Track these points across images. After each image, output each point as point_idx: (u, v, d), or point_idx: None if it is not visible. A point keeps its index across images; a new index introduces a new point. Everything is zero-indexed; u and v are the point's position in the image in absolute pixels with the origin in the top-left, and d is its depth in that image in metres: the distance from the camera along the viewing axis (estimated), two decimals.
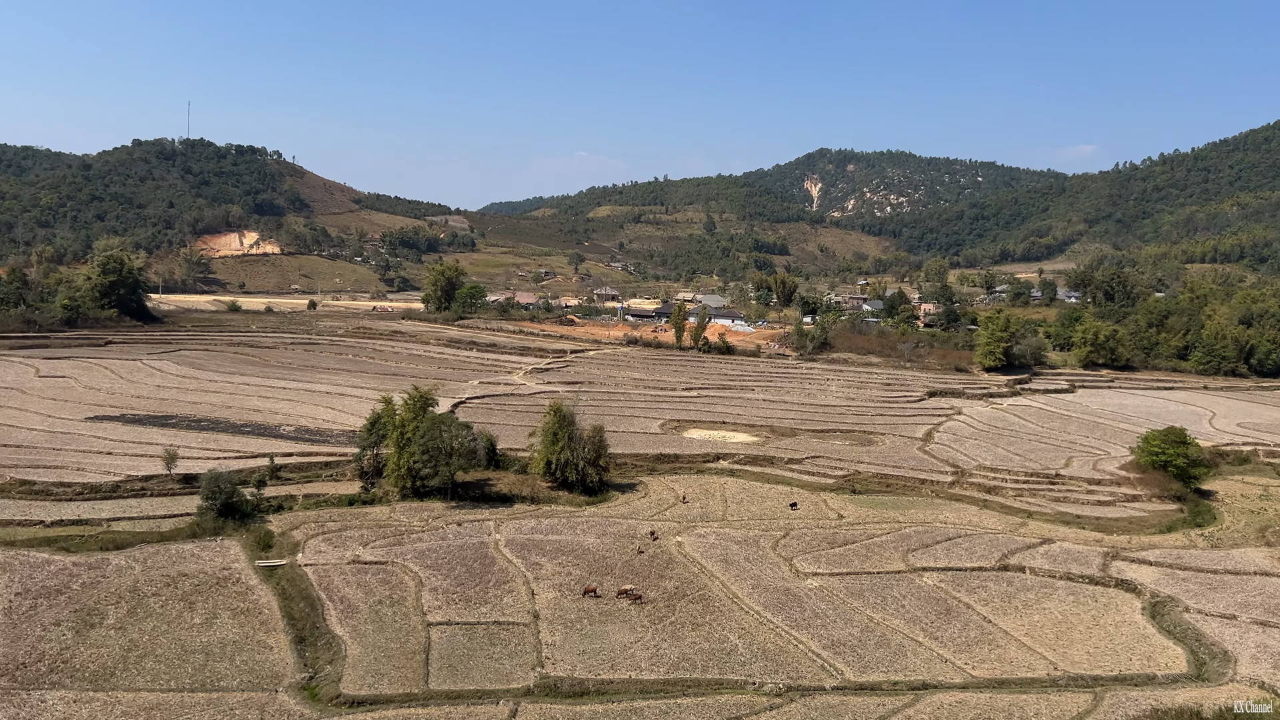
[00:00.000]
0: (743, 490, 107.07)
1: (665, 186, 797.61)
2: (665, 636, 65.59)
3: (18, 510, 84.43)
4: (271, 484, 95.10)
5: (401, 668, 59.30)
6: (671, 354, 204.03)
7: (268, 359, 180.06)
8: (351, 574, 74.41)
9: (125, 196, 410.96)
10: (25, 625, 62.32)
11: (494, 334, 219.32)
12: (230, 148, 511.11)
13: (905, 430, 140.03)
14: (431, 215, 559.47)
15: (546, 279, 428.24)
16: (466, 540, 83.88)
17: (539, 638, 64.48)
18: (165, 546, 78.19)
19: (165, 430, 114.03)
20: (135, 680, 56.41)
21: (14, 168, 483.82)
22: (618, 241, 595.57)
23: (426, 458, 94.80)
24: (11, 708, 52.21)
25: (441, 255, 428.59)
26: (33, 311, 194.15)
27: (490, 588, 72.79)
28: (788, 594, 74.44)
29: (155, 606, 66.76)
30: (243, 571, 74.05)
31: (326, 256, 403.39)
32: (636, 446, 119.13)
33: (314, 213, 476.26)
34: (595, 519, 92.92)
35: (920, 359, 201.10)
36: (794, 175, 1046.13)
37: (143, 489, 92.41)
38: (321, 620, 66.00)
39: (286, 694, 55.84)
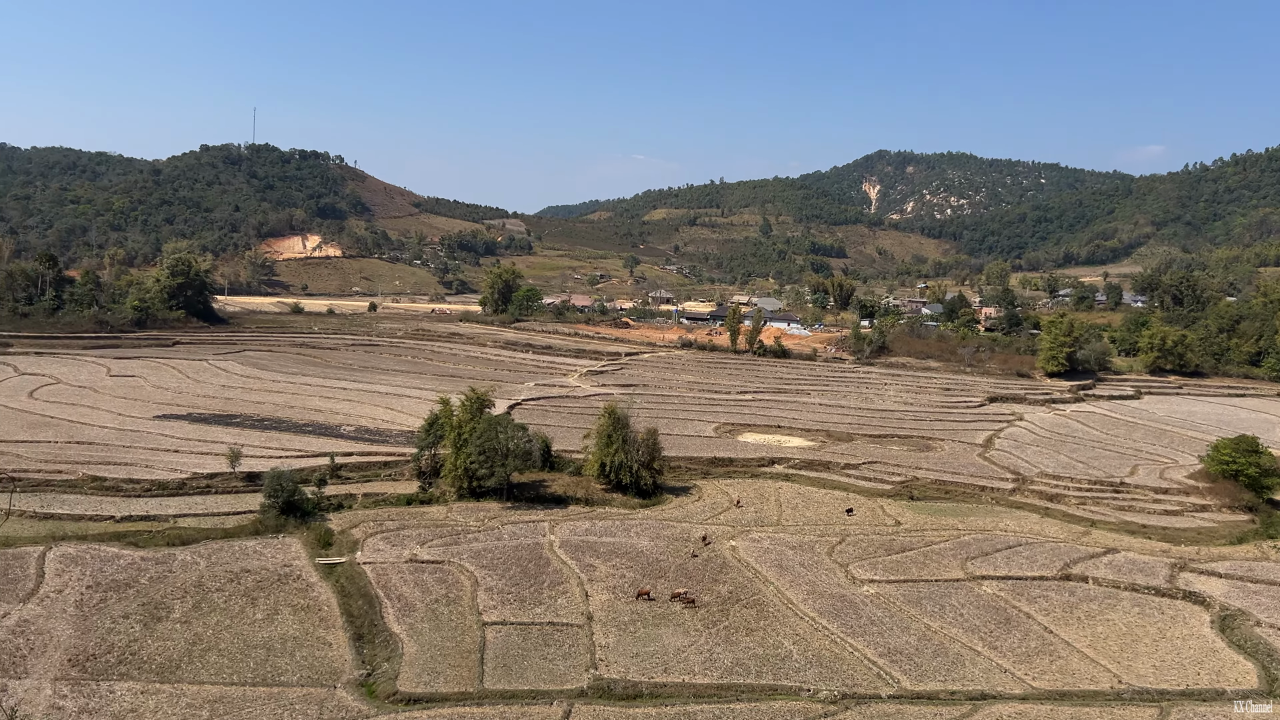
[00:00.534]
0: (798, 495, 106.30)
1: (721, 189, 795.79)
2: (719, 641, 65.35)
3: (89, 505, 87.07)
4: (332, 483, 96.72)
5: (457, 666, 59.91)
6: (726, 357, 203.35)
7: (329, 360, 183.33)
8: (409, 572, 75.37)
9: (193, 200, 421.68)
10: (95, 617, 64.20)
11: (549, 336, 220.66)
12: (294, 152, 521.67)
13: (965, 436, 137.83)
14: (489, 219, 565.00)
15: (601, 282, 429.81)
16: (521, 541, 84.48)
17: (593, 639, 64.67)
18: (229, 543, 79.99)
19: (230, 429, 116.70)
20: (199, 673, 57.77)
21: (88, 173, 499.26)
22: (673, 244, 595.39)
23: (483, 458, 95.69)
24: (82, 698, 53.81)
25: (499, 258, 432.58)
26: (105, 312, 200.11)
27: (544, 588, 73.21)
28: (843, 600, 73.70)
29: (219, 601, 68.31)
30: (303, 569, 75.44)
31: (387, 259, 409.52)
32: (690, 450, 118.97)
33: (375, 216, 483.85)
34: (649, 522, 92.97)
35: (981, 364, 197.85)
36: (852, 177, 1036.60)
37: (208, 486, 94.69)
38: (379, 618, 66.95)
39: (344, 690, 56.74)
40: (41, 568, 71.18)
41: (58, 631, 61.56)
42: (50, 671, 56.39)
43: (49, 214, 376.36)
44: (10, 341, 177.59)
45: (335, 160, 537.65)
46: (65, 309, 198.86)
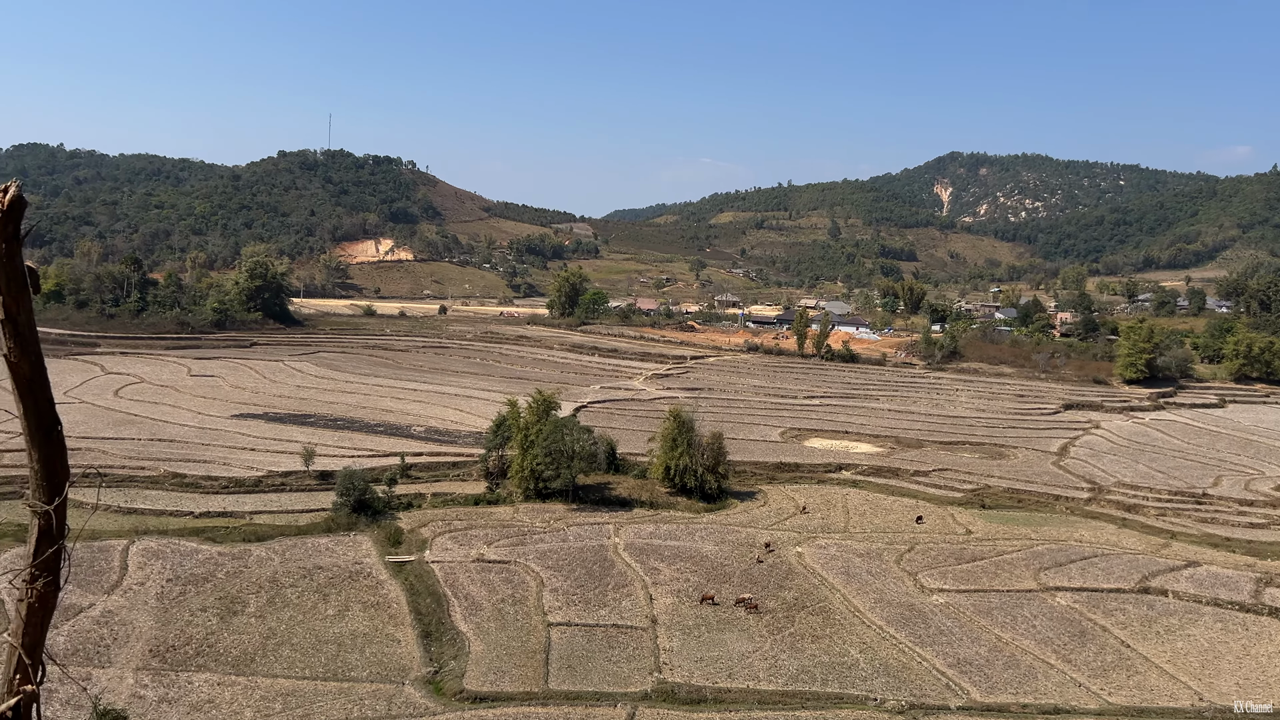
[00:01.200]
0: (866, 502, 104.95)
1: (789, 192, 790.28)
2: (784, 647, 64.82)
3: (170, 501, 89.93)
4: (402, 482, 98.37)
5: (522, 666, 60.41)
6: (793, 361, 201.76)
7: (400, 361, 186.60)
8: (476, 572, 76.27)
9: (271, 205, 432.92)
10: (175, 610, 66.23)
11: (615, 339, 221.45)
12: (368, 158, 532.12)
13: (1039, 444, 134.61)
14: (557, 223, 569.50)
15: (668, 285, 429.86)
16: (586, 543, 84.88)
17: (656, 643, 64.66)
18: (302, 540, 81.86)
19: (304, 428, 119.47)
20: (273, 667, 59.21)
21: (172, 179, 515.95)
22: (739, 248, 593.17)
23: (549, 460, 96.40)
24: (161, 687, 55.55)
25: (566, 262, 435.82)
26: (186, 314, 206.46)
27: (609, 591, 73.42)
28: (912, 609, 72.52)
29: (292, 597, 69.92)
30: (374, 566, 76.85)
31: (456, 263, 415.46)
32: (756, 454, 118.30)
33: (445, 220, 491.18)
34: (713, 526, 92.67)
35: (1056, 370, 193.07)
36: (923, 179, 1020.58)
37: (282, 484, 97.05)
38: (447, 616, 67.86)
39: (412, 687, 57.63)
40: (125, 561, 73.70)
41: (139, 623, 63.65)
42: (132, 661, 58.33)
43: (135, 218, 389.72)
44: (98, 342, 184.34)
45: (408, 166, 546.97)
46: (149, 310, 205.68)
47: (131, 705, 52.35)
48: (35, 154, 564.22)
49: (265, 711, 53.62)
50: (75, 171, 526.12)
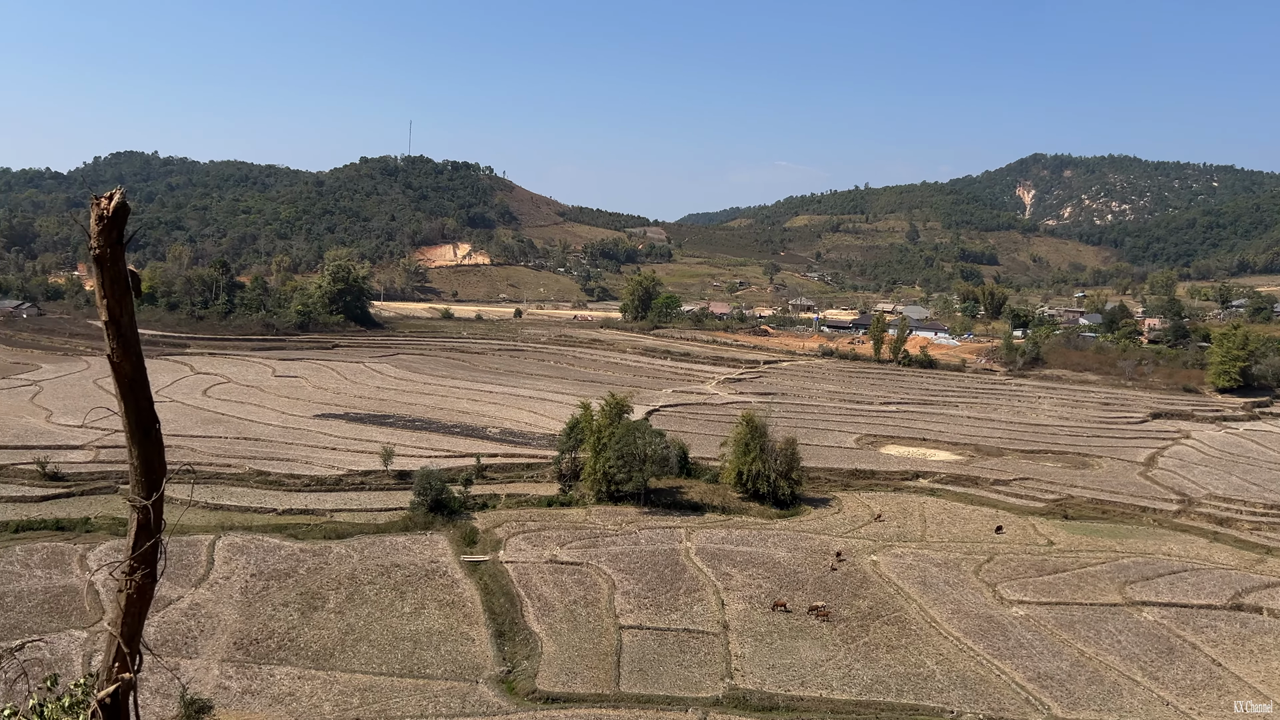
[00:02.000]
0: (943, 510, 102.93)
1: (865, 195, 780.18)
2: (858, 657, 63.94)
3: (254, 498, 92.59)
4: (477, 483, 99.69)
5: (594, 668, 60.69)
6: (869, 366, 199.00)
7: (476, 364, 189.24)
8: (549, 573, 76.88)
9: (353, 210, 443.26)
10: (258, 604, 68.15)
11: (688, 343, 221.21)
12: (447, 164, 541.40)
13: (1125, 454, 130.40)
14: (630, 227, 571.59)
15: (741, 289, 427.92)
16: (658, 546, 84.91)
17: (728, 648, 64.36)
18: (380, 538, 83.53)
19: (383, 429, 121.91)
20: (351, 662, 60.51)
21: (259, 185, 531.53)
22: (814, 251, 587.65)
23: (621, 463, 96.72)
24: (245, 679, 57.21)
25: (639, 266, 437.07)
26: (271, 316, 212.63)
27: (681, 595, 73.33)
28: (990, 621, 70.89)
29: (370, 594, 71.39)
30: (449, 565, 78.02)
31: (532, 267, 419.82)
32: (830, 461, 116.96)
33: (521, 225, 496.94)
34: (786, 532, 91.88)
35: (1143, 377, 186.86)
36: (1005, 182, 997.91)
37: (362, 483, 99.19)
38: (520, 616, 68.54)
39: (486, 686, 58.33)
40: (211, 555, 76.11)
41: (224, 616, 65.66)
42: (217, 653, 60.20)
43: (223, 223, 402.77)
44: (187, 342, 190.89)
45: (485, 171, 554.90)
46: (236, 313, 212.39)
47: (217, 696, 54.00)
48: (131, 161, 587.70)
49: (344, 706, 54.82)
50: (168, 178, 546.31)
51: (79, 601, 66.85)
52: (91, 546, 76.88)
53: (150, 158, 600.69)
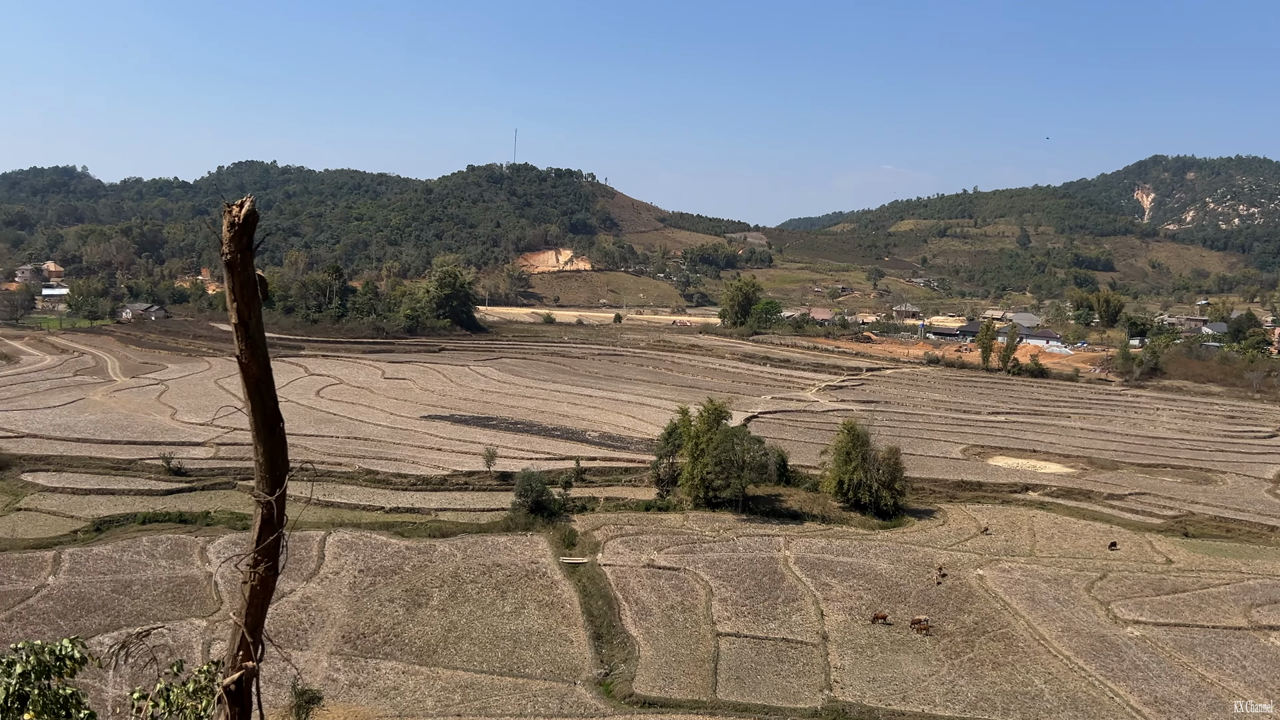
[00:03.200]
0: (1054, 525, 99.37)
1: (974, 199, 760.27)
2: (962, 673, 62.23)
3: (363, 496, 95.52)
4: (576, 485, 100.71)
5: (691, 674, 60.58)
6: (976, 375, 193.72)
7: (576, 368, 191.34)
8: (646, 577, 77.12)
9: (459, 217, 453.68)
10: (366, 599, 70.25)
11: (788, 350, 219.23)
12: (550, 171, 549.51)
13: (1251, 469, 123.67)
14: (731, 232, 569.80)
15: (843, 295, 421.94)
16: (756, 554, 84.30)
17: (827, 660, 63.44)
18: (483, 537, 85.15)
19: (486, 430, 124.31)
20: (453, 659, 61.81)
21: (370, 193, 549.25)
22: (920, 257, 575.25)
23: (719, 469, 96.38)
24: (352, 672, 59.03)
25: (739, 271, 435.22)
26: (381, 320, 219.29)
27: (779, 604, 72.64)
28: (1103, 641, 68.10)
29: (472, 593, 72.82)
30: (548, 566, 79.01)
31: (632, 272, 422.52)
32: (935, 471, 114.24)
33: (622, 231, 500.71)
34: (888, 544, 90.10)
35: (1272, 390, 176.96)
36: (1122, 185, 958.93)
37: (465, 483, 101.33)
38: (617, 619, 68.92)
39: (584, 687, 58.82)
40: (322, 551, 78.82)
41: (333, 610, 67.88)
42: (326, 646, 62.27)
43: (337, 230, 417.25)
44: (302, 345, 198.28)
45: (587, 178, 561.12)
46: (348, 316, 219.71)
47: (326, 687, 55.84)
48: (252, 171, 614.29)
49: (445, 702, 56.03)
50: (285, 186, 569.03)
51: (199, 591, 70.06)
52: (211, 539, 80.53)
53: (269, 167, 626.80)
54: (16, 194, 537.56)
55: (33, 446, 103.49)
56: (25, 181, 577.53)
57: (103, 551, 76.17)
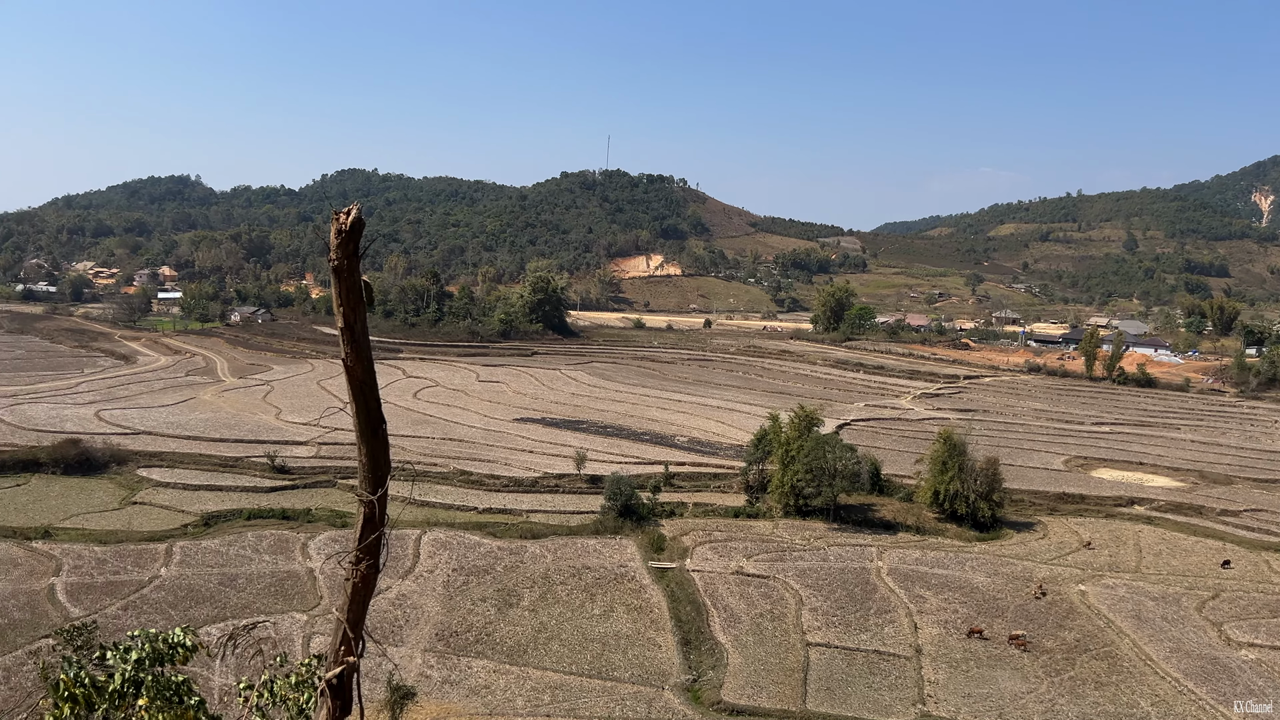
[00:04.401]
0: (1161, 541, 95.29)
1: (1078, 202, 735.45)
2: (1063, 691, 60.13)
3: (457, 496, 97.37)
4: (665, 490, 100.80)
5: (780, 683, 59.98)
6: (1080, 384, 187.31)
7: (666, 373, 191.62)
8: (735, 584, 76.69)
9: (553, 223, 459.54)
10: (458, 598, 71.54)
11: (882, 356, 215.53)
12: (642, 177, 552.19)
13: None
14: (823, 236, 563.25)
15: (940, 301, 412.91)
16: (848, 564, 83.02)
17: (921, 673, 62.06)
18: (572, 540, 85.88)
19: (577, 433, 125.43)
20: (543, 659, 62.45)
21: (467, 199, 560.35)
22: (1021, 262, 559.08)
23: (810, 477, 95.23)
24: (445, 669, 60.16)
25: (831, 276, 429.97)
26: (476, 324, 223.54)
27: (871, 615, 71.39)
28: (1215, 663, 64.98)
29: (562, 594, 73.49)
30: (637, 570, 79.23)
31: (722, 278, 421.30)
32: (1035, 483, 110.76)
33: (713, 236, 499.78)
34: (985, 556, 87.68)
35: None
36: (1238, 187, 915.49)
37: (556, 486, 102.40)
38: (706, 626, 68.69)
39: (671, 692, 58.77)
40: (418, 549, 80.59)
41: (428, 607, 69.32)
42: (420, 643, 63.61)
43: (435, 236, 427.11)
44: (400, 348, 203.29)
45: (679, 183, 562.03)
46: (444, 320, 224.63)
47: (420, 683, 57.03)
48: (354, 178, 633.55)
49: (535, 702, 56.64)
50: (386, 193, 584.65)
51: (300, 586, 72.37)
52: (312, 536, 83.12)
53: (371, 174, 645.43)
54: (136, 202, 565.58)
55: (148, 443, 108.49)
56: (144, 190, 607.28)
57: (211, 545, 79.34)
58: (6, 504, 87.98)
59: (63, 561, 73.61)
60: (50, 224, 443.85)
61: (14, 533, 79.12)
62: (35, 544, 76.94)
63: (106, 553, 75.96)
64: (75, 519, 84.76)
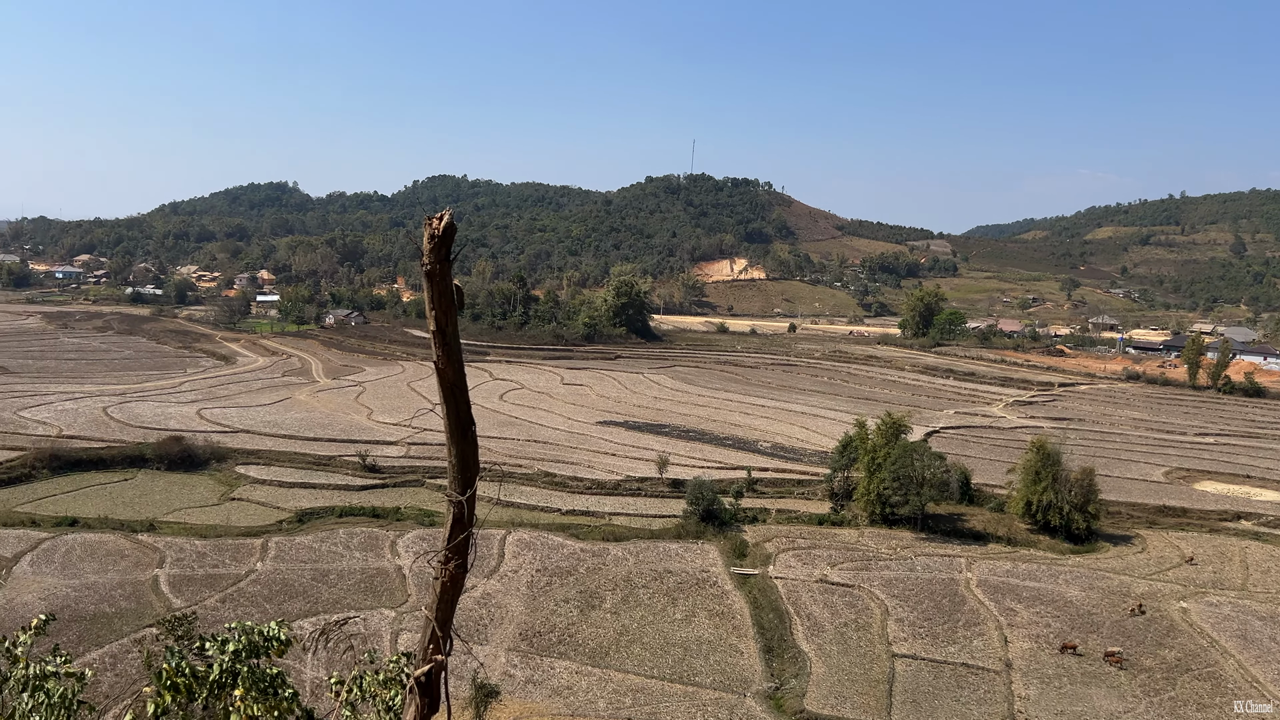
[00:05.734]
0: (1270, 558, 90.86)
1: (1181, 204, 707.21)
2: (1162, 712, 57.81)
3: (541, 498, 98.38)
4: (747, 496, 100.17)
5: (864, 694, 59.01)
6: (1182, 393, 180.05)
7: (749, 378, 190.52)
8: (818, 592, 75.76)
9: (637, 227, 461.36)
10: (542, 598, 72.24)
11: (972, 362, 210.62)
12: (727, 180, 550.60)
13: None
14: (912, 240, 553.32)
15: (1033, 306, 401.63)
16: (935, 575, 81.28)
17: (1011, 689, 60.35)
18: (654, 544, 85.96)
19: (659, 437, 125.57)
20: (625, 662, 62.62)
21: (553, 204, 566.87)
22: (1119, 266, 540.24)
23: (897, 485, 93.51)
24: (528, 669, 60.79)
25: (920, 280, 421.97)
26: (560, 328, 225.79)
27: (959, 627, 69.73)
28: None
29: (644, 598, 73.59)
30: (719, 575, 78.88)
31: (807, 281, 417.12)
32: (1133, 495, 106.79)
33: (798, 240, 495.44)
34: (1080, 570, 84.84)
35: None
36: None
37: (638, 489, 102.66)
38: (788, 633, 68.00)
39: (753, 700, 58.31)
40: (502, 549, 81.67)
41: (511, 607, 70.16)
42: (505, 642, 64.41)
43: (521, 241, 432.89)
44: (488, 351, 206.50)
45: (764, 187, 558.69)
46: (530, 324, 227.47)
47: (503, 682, 57.74)
48: (444, 185, 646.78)
49: (617, 705, 56.82)
50: (475, 199, 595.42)
51: (389, 583, 74.00)
52: (401, 534, 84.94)
53: (460, 180, 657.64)
54: (236, 208, 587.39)
55: (245, 441, 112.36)
56: (244, 196, 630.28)
57: (304, 541, 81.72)
58: (115, 498, 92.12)
59: (166, 554, 76.70)
60: (157, 229, 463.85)
61: (121, 525, 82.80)
62: (141, 536, 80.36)
63: (206, 546, 78.91)
64: (178, 513, 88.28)
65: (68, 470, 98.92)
